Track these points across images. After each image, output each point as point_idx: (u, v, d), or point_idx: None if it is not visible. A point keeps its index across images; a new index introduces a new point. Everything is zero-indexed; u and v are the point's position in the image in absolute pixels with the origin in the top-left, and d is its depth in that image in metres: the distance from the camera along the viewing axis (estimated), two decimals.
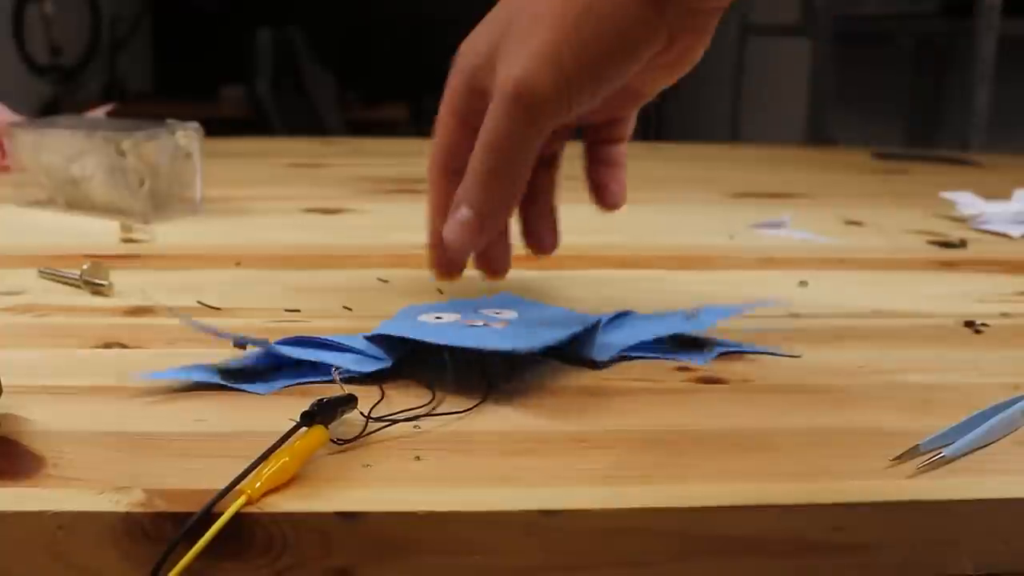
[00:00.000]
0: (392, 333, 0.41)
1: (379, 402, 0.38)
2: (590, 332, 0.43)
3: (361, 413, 0.36)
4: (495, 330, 0.42)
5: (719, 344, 0.46)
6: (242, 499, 0.30)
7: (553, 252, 0.49)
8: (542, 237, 0.49)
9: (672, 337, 0.45)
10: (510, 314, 0.45)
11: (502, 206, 0.43)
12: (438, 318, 0.44)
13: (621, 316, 0.48)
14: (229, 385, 0.39)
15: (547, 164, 0.49)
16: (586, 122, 0.49)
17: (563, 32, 0.39)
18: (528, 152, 0.41)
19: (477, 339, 0.40)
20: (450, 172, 0.45)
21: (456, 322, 0.43)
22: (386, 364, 0.41)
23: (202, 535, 0.29)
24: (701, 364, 0.44)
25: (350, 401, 0.36)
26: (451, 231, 0.43)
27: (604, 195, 0.49)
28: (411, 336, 0.40)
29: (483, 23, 0.45)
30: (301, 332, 0.47)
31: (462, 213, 0.42)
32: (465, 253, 0.43)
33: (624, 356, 0.44)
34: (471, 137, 0.43)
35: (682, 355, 0.44)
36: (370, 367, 0.40)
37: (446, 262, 0.46)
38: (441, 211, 0.45)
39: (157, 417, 0.37)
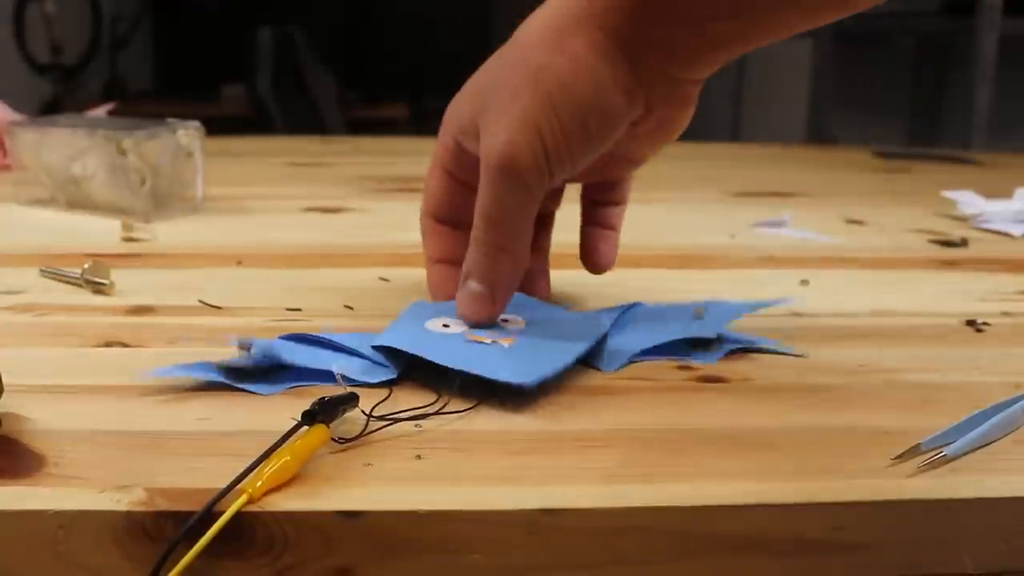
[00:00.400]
0: (398, 347, 0.41)
1: (381, 402, 0.37)
2: (598, 344, 0.43)
3: (363, 412, 0.36)
4: (500, 351, 0.41)
5: (727, 341, 0.46)
6: (243, 498, 0.30)
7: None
8: (536, 290, 0.50)
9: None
10: (519, 323, 0.44)
11: (510, 275, 0.43)
12: (445, 326, 0.43)
13: (629, 311, 0.48)
14: (232, 384, 0.39)
15: (542, 224, 0.50)
16: (580, 182, 0.50)
17: (539, 103, 0.40)
18: (526, 219, 0.42)
19: (481, 365, 0.39)
20: (443, 221, 0.48)
21: (461, 335, 0.42)
22: (392, 375, 0.41)
23: (203, 534, 0.29)
24: (709, 363, 0.44)
25: (351, 400, 0.36)
26: (465, 305, 0.43)
27: (593, 256, 0.51)
28: (416, 353, 0.40)
29: (467, 85, 0.46)
30: (302, 331, 0.47)
31: (472, 287, 0.43)
32: (486, 323, 0.43)
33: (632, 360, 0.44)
34: (461, 190, 0.46)
35: (692, 356, 0.44)
36: (375, 377, 0.40)
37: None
38: (436, 257, 0.48)
39: (158, 416, 0.37)
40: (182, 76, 3.85)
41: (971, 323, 0.51)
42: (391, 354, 0.41)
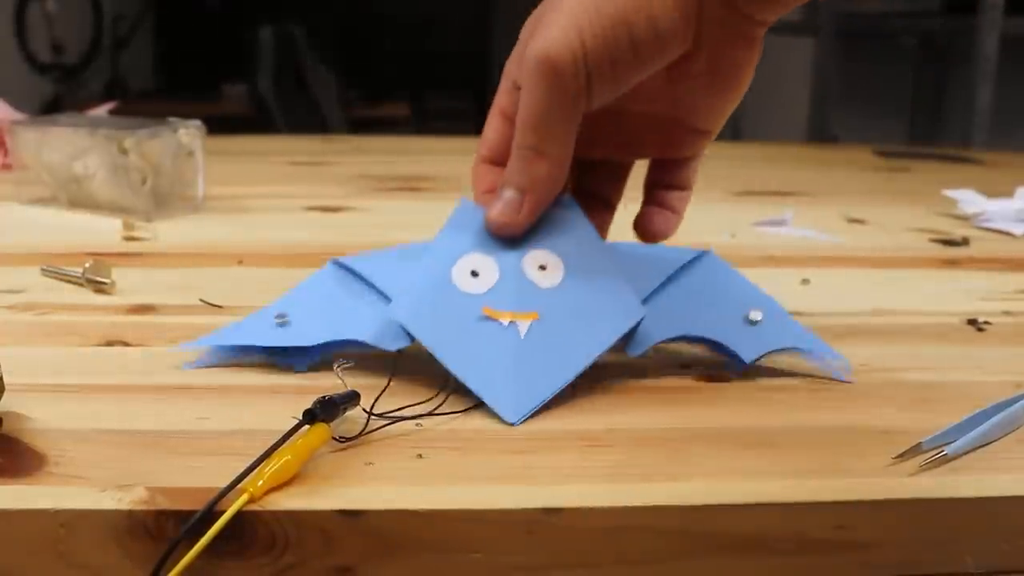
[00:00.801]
0: (413, 332, 0.40)
1: (380, 395, 0.37)
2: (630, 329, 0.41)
3: (364, 410, 0.36)
4: (512, 346, 0.39)
5: (767, 340, 0.43)
6: (244, 497, 0.30)
7: None
8: None
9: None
10: (556, 269, 0.42)
11: (544, 181, 0.42)
12: (474, 274, 0.41)
13: (669, 286, 0.44)
14: (269, 358, 0.42)
15: (604, 206, 0.48)
16: (645, 157, 0.48)
17: (583, 7, 0.40)
18: (564, 122, 0.41)
19: (482, 376, 0.38)
20: (494, 165, 0.45)
21: (480, 307, 0.40)
22: (405, 344, 0.40)
23: (204, 533, 0.29)
24: (744, 364, 0.42)
25: (353, 398, 0.36)
26: (494, 211, 0.42)
27: (647, 225, 0.46)
28: (426, 346, 0.39)
29: (526, 23, 0.45)
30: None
31: (506, 194, 0.42)
32: (510, 234, 0.42)
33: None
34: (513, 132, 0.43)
35: (728, 354, 0.42)
36: (393, 344, 0.40)
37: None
38: (484, 189, 0.45)
39: (160, 415, 0.37)
40: (183, 75, 3.86)
41: (972, 322, 0.51)
42: (408, 317, 0.40)
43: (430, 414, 0.37)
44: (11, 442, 0.34)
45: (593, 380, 0.41)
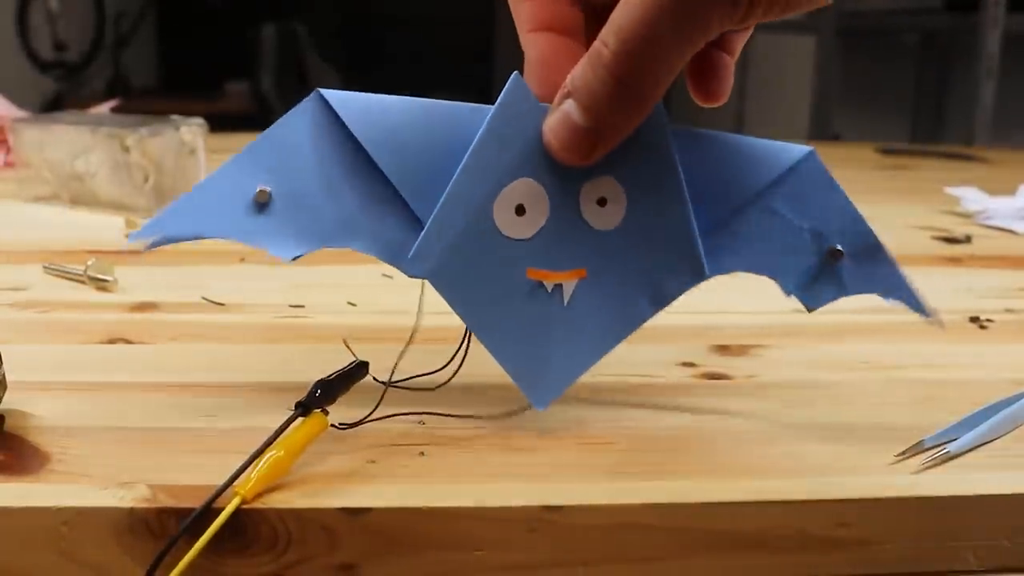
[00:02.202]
0: (447, 298, 0.34)
1: (388, 386, 0.37)
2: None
3: (375, 378, 0.35)
4: (557, 316, 0.35)
5: (844, 284, 0.37)
6: (236, 500, 0.29)
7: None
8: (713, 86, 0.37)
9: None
10: (615, 211, 0.35)
11: (626, 121, 0.32)
12: (520, 210, 0.34)
13: (756, 204, 0.36)
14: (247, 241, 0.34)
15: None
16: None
17: None
18: (676, 61, 0.31)
19: (517, 355, 0.35)
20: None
21: (525, 267, 0.34)
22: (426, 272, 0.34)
23: (202, 532, 0.29)
24: (809, 304, 0.37)
25: (358, 373, 0.35)
26: (555, 133, 0.33)
27: (707, 82, 0.36)
28: (461, 316, 0.35)
29: None
30: (305, 328, 0.47)
31: (575, 116, 0.32)
32: (572, 163, 0.33)
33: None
34: (570, 46, 0.35)
35: (794, 289, 0.37)
36: (411, 267, 0.34)
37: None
38: (533, 26, 0.35)
39: (162, 413, 0.37)
40: (185, 73, 3.85)
41: (975, 320, 0.51)
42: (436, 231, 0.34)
43: (430, 414, 0.37)
44: (13, 440, 0.34)
45: (593, 377, 0.41)
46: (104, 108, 0.98)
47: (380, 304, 0.51)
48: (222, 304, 0.51)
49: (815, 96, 2.66)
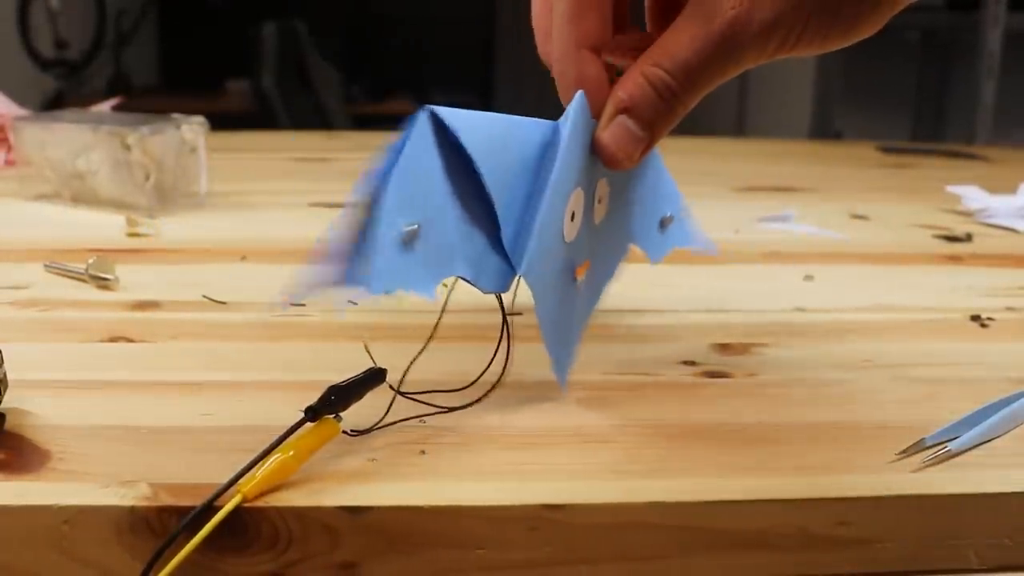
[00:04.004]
0: (529, 278, 0.35)
1: (399, 388, 0.37)
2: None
3: (391, 387, 0.35)
4: (578, 304, 0.39)
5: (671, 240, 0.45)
6: (237, 498, 0.29)
7: None
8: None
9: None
10: (604, 206, 0.40)
11: (669, 126, 0.37)
12: (573, 215, 0.37)
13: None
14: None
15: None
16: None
17: None
18: (720, 80, 0.37)
19: (558, 346, 0.38)
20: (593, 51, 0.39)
21: (573, 260, 0.38)
22: (501, 290, 0.36)
23: (201, 529, 0.29)
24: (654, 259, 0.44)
25: (376, 379, 0.35)
26: (618, 144, 0.37)
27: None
28: (536, 303, 0.36)
29: None
30: (305, 327, 0.47)
31: (632, 127, 0.37)
32: (618, 168, 0.38)
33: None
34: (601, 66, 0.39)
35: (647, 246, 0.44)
36: (489, 283, 0.35)
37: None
38: (579, 44, 0.38)
39: (163, 411, 0.37)
40: (186, 72, 3.85)
41: (976, 318, 0.51)
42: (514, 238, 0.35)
43: (430, 415, 0.37)
44: (14, 438, 0.34)
45: (593, 376, 0.42)
46: (105, 106, 0.98)
47: (380, 303, 0.51)
48: (223, 302, 0.51)
49: (816, 94, 2.66)
